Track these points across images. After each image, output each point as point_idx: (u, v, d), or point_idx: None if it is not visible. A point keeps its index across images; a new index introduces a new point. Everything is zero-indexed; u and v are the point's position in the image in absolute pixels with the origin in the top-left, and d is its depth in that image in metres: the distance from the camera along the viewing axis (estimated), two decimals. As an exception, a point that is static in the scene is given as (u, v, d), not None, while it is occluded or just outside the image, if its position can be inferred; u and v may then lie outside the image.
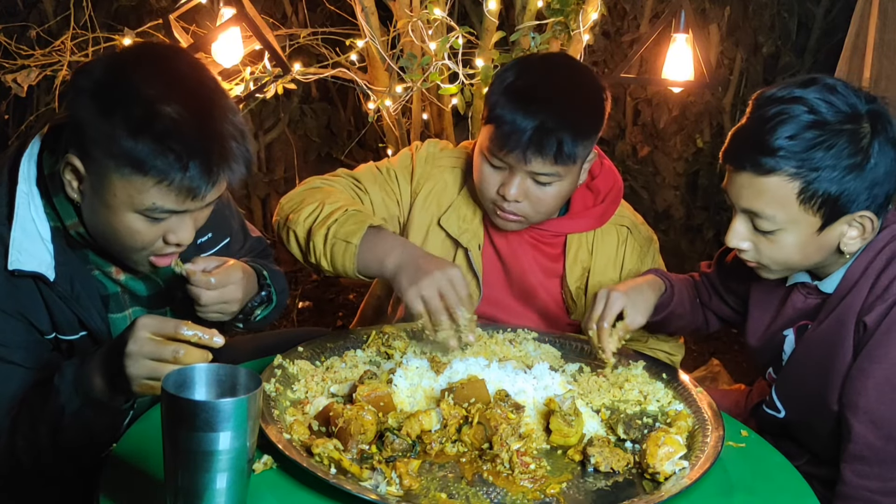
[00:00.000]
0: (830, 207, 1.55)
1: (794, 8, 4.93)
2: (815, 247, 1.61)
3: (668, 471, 1.37)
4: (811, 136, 1.51)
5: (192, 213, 1.44)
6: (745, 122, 1.61)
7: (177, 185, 1.35)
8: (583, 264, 2.07)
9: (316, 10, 3.88)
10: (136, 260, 1.48)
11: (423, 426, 1.40)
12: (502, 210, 1.92)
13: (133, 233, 1.41)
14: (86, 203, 1.42)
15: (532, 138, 1.81)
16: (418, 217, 2.07)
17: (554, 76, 1.92)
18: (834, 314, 1.65)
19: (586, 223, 2.06)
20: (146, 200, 1.36)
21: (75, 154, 1.37)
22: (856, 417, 1.59)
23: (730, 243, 1.66)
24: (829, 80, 1.56)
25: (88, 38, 3.20)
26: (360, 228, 1.79)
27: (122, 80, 1.36)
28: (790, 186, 1.54)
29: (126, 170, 1.34)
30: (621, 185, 2.13)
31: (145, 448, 1.34)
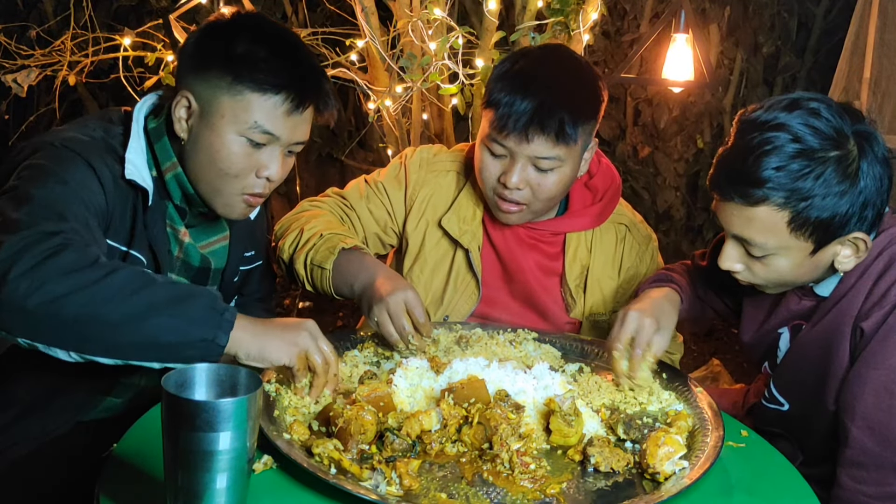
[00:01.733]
0: (822, 232, 1.54)
1: (794, 8, 4.93)
2: (809, 268, 1.61)
3: (668, 471, 1.37)
4: (798, 166, 1.50)
5: (283, 148, 1.62)
6: (730, 150, 1.59)
7: (279, 97, 1.55)
8: (581, 262, 2.07)
9: (316, 10, 3.89)
10: (230, 193, 1.63)
11: (423, 426, 1.40)
12: (504, 200, 1.92)
13: (232, 156, 1.58)
14: (191, 137, 1.60)
15: (533, 117, 1.82)
16: (415, 222, 2.08)
17: (552, 62, 1.95)
18: (829, 317, 1.65)
19: (585, 222, 2.07)
20: (250, 117, 1.56)
21: (188, 89, 1.59)
22: (853, 422, 1.59)
23: (723, 266, 1.65)
24: (813, 104, 1.54)
25: (88, 38, 3.21)
26: (332, 254, 1.84)
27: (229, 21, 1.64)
28: (779, 216, 1.53)
29: (236, 84, 1.55)
30: (619, 183, 2.13)
31: (145, 448, 1.34)
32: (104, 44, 3.20)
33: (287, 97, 1.56)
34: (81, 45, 3.22)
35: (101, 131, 1.62)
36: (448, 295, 2.05)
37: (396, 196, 2.09)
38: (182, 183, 1.64)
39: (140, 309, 1.32)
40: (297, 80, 1.58)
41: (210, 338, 1.34)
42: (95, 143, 1.58)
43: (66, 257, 1.31)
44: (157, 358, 1.35)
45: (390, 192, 2.09)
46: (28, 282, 1.27)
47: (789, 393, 1.75)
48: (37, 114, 4.02)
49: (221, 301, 1.40)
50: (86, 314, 1.29)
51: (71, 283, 1.29)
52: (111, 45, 3.19)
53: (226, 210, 1.66)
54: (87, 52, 3.21)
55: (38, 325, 1.30)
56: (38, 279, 1.28)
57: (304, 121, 1.63)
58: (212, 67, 1.57)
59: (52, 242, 1.32)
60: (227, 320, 1.36)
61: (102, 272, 1.32)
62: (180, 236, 1.71)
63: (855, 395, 1.59)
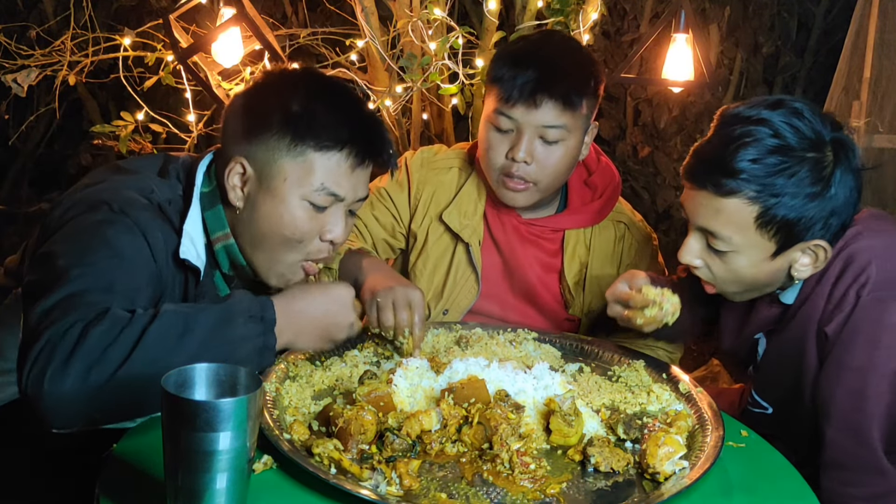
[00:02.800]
0: (786, 234, 1.55)
1: (794, 8, 4.93)
2: (767, 271, 1.61)
3: (668, 471, 1.37)
4: (774, 161, 1.51)
5: (347, 206, 1.57)
6: (709, 140, 1.59)
7: (342, 154, 1.51)
8: (580, 259, 2.08)
9: (316, 10, 3.88)
10: (291, 262, 1.57)
11: (423, 426, 1.40)
12: (510, 177, 1.94)
13: (296, 222, 1.52)
14: (248, 204, 1.54)
15: (540, 83, 1.87)
16: (420, 220, 2.11)
17: (553, 41, 2.03)
18: (795, 323, 1.67)
19: (584, 219, 2.08)
20: (315, 179, 1.50)
21: (242, 155, 1.52)
22: (829, 425, 1.60)
23: (682, 259, 1.66)
24: (797, 104, 1.55)
25: (88, 38, 3.20)
26: (338, 254, 1.87)
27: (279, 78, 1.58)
28: (749, 210, 1.53)
29: (297, 145, 1.49)
30: (619, 181, 2.14)
31: (145, 448, 1.34)
32: (104, 44, 3.20)
33: (350, 153, 1.52)
34: (81, 45, 3.22)
35: (162, 192, 1.54)
36: (448, 289, 2.06)
37: (400, 199, 2.11)
38: (232, 253, 1.59)
39: (187, 353, 1.27)
40: (358, 132, 1.53)
41: (261, 346, 1.36)
42: (153, 210, 1.50)
43: (94, 336, 1.24)
44: None
45: (394, 197, 2.11)
46: (69, 379, 1.21)
47: (770, 397, 1.77)
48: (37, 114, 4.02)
49: (255, 302, 1.38)
50: (138, 384, 1.24)
51: (110, 364, 1.23)
52: (111, 45, 3.19)
53: (280, 280, 1.60)
54: (87, 52, 3.21)
55: (101, 414, 1.27)
56: (76, 373, 1.22)
57: (367, 177, 1.58)
58: (267, 130, 1.50)
59: (76, 328, 1.25)
60: (269, 320, 1.37)
61: (137, 333, 1.26)
62: None
63: (827, 399, 1.60)
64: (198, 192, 1.57)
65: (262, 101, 1.54)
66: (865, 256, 1.59)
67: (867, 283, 1.57)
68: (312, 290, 1.50)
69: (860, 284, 1.57)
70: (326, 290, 1.50)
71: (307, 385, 1.57)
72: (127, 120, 3.11)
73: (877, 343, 1.56)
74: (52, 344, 1.24)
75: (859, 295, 1.57)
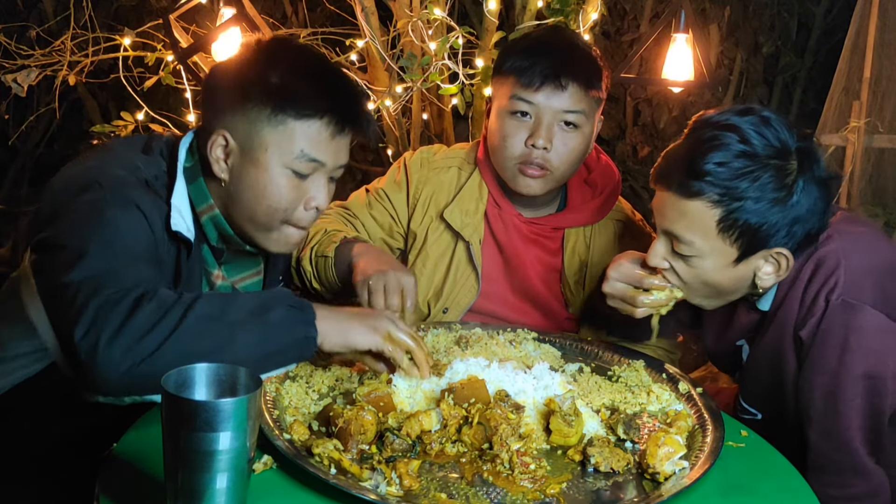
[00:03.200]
0: (749, 239, 1.57)
1: (794, 8, 4.93)
2: (730, 278, 1.63)
3: (668, 471, 1.37)
4: (739, 165, 1.54)
5: (329, 173, 1.59)
6: (680, 144, 1.63)
7: (322, 122, 1.53)
8: (580, 258, 2.08)
9: (316, 10, 3.89)
10: (276, 229, 1.59)
11: (423, 426, 1.40)
12: (528, 164, 1.96)
13: (280, 190, 1.55)
14: (233, 175, 1.57)
15: (564, 65, 1.91)
16: (420, 219, 2.11)
17: (561, 33, 2.09)
18: (772, 329, 1.69)
19: (584, 217, 2.09)
20: (295, 147, 1.53)
21: (224, 128, 1.55)
22: (810, 428, 1.62)
23: (650, 262, 1.68)
24: (766, 113, 1.58)
25: (88, 38, 3.20)
26: (333, 243, 1.91)
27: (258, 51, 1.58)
28: (711, 213, 1.56)
29: (277, 115, 1.52)
30: (619, 180, 2.16)
31: (145, 448, 1.34)
32: (104, 44, 3.20)
33: (330, 121, 1.54)
34: (81, 45, 3.22)
35: (147, 168, 1.57)
36: (448, 287, 2.06)
37: (398, 199, 2.11)
38: (219, 224, 1.61)
39: (227, 334, 1.30)
40: (337, 100, 1.57)
41: (301, 336, 1.36)
42: (142, 186, 1.53)
43: (144, 311, 1.28)
44: (259, 370, 1.31)
45: (392, 197, 2.12)
46: (119, 348, 1.25)
47: (757, 403, 1.78)
48: (37, 114, 4.02)
49: (294, 296, 1.40)
50: (180, 359, 1.26)
51: (158, 336, 1.26)
52: (111, 45, 3.19)
53: (278, 245, 1.63)
54: (87, 52, 3.21)
55: (141, 384, 1.27)
56: (126, 342, 1.25)
57: (347, 144, 1.62)
58: (248, 101, 1.53)
59: (128, 300, 1.28)
60: (309, 314, 1.38)
61: (180, 311, 1.29)
62: (212, 279, 1.68)
63: (806, 402, 1.62)
64: (181, 167, 1.60)
65: (242, 74, 1.56)
66: (834, 259, 1.61)
67: (836, 286, 1.59)
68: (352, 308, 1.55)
69: (829, 288, 1.59)
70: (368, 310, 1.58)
71: (307, 385, 1.57)
72: (127, 120, 3.11)
73: (846, 346, 1.57)
74: (105, 312, 1.27)
75: (828, 299, 1.59)
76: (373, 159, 4.53)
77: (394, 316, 1.52)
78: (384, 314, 1.50)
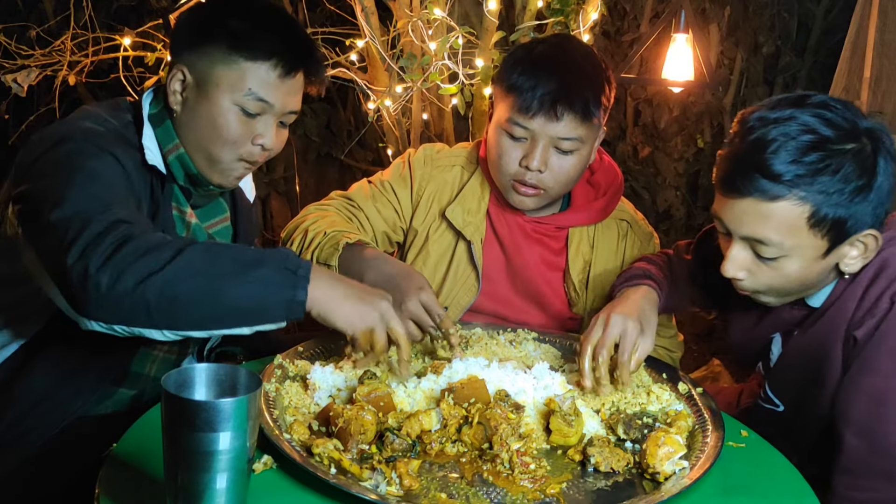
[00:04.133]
0: (839, 229, 1.50)
1: (794, 8, 4.93)
2: (817, 271, 1.57)
3: (668, 471, 1.37)
4: (814, 157, 1.46)
5: (276, 117, 1.68)
6: (740, 146, 1.53)
7: (270, 63, 1.63)
8: (584, 258, 2.08)
9: (316, 10, 3.88)
10: (228, 161, 1.68)
11: (423, 426, 1.40)
12: (522, 184, 1.95)
13: (229, 124, 1.64)
14: (187, 108, 1.67)
15: (561, 96, 1.87)
16: (422, 217, 2.10)
17: (569, 47, 2.01)
18: (820, 325, 1.64)
19: (588, 217, 2.08)
20: (244, 85, 1.62)
21: (184, 64, 1.66)
22: (847, 429, 1.58)
23: (727, 273, 1.60)
24: (818, 97, 1.51)
25: (88, 38, 3.20)
26: (336, 250, 1.84)
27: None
28: (800, 210, 1.48)
29: (231, 54, 1.62)
30: (622, 180, 2.15)
31: (145, 448, 1.34)
32: (104, 44, 3.20)
33: (278, 63, 1.63)
34: (81, 45, 3.22)
35: (115, 121, 1.67)
36: (447, 286, 2.06)
37: (403, 194, 2.10)
38: (185, 163, 1.69)
39: (214, 282, 1.35)
40: (287, 46, 1.66)
41: (289, 297, 1.37)
42: (112, 133, 1.63)
43: (135, 243, 1.35)
44: (245, 323, 1.38)
45: (397, 191, 2.10)
46: (108, 274, 1.32)
47: (784, 396, 1.75)
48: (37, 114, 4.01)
49: (295, 258, 1.42)
50: (166, 296, 1.33)
51: (145, 269, 1.32)
52: (111, 45, 3.19)
53: (222, 178, 1.71)
54: (87, 52, 3.21)
55: (127, 312, 1.34)
56: (115, 269, 1.32)
57: (296, 89, 1.69)
58: (207, 40, 1.64)
59: (118, 232, 1.36)
60: (303, 276, 1.39)
61: (172, 252, 1.35)
62: (187, 217, 1.74)
63: (848, 402, 1.58)
64: (146, 114, 1.70)
65: (203, 15, 1.71)
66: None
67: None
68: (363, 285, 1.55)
69: (894, 290, 1.55)
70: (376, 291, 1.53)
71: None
72: (127, 120, 3.10)
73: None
74: (98, 240, 1.35)
75: (893, 301, 1.54)
76: (373, 159, 4.53)
77: (389, 314, 1.48)
78: (384, 303, 1.49)
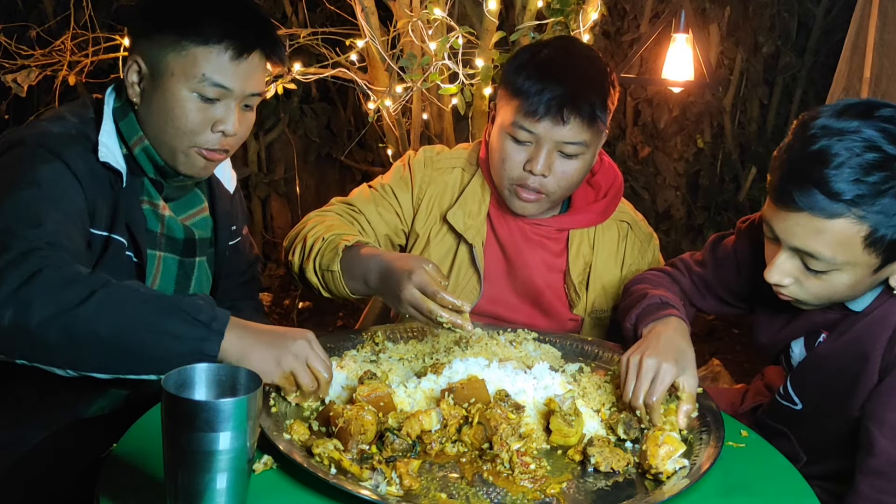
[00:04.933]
0: (893, 249, 1.47)
1: (794, 8, 4.93)
2: (866, 285, 1.55)
3: (671, 469, 1.37)
4: (877, 178, 1.41)
5: (238, 101, 1.64)
6: (799, 156, 1.47)
7: (221, 45, 1.59)
8: (585, 259, 2.08)
9: (316, 10, 3.89)
10: (188, 152, 1.64)
11: (423, 426, 1.40)
12: (525, 188, 1.94)
13: (186, 113, 1.61)
14: (144, 99, 1.64)
15: (567, 100, 1.86)
16: (423, 220, 2.09)
17: (574, 51, 2.01)
18: (859, 328, 1.61)
19: (588, 218, 2.08)
20: (198, 71, 1.59)
21: (138, 54, 1.63)
22: (881, 432, 1.55)
23: (771, 279, 1.57)
24: (888, 110, 1.45)
25: (88, 38, 3.20)
26: (336, 254, 1.82)
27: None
28: (856, 230, 1.44)
29: (180, 41, 1.58)
30: (622, 181, 2.15)
31: (145, 448, 1.34)
32: (104, 44, 3.20)
33: (230, 45, 1.59)
34: (81, 45, 3.22)
35: (76, 119, 1.64)
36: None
37: (404, 197, 2.10)
38: (151, 155, 1.66)
39: (121, 329, 1.31)
40: (238, 27, 1.61)
41: (197, 349, 1.33)
42: (67, 135, 1.60)
43: (45, 278, 1.31)
44: (150, 371, 1.35)
45: (398, 194, 2.09)
46: (12, 307, 1.28)
47: (806, 395, 1.72)
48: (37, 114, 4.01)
49: (209, 309, 1.37)
50: (70, 337, 1.30)
51: (52, 307, 1.29)
52: (111, 45, 3.19)
53: (186, 167, 1.67)
54: (87, 52, 3.21)
55: (28, 348, 1.31)
56: (21, 304, 1.28)
57: (254, 70, 1.64)
58: (156, 28, 1.61)
59: (31, 263, 1.32)
60: (216, 330, 1.35)
61: (82, 292, 1.31)
62: (160, 211, 1.71)
63: (886, 406, 1.56)
64: (109, 108, 1.68)
65: (151, 3, 1.66)
66: None
67: None
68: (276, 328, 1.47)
69: None
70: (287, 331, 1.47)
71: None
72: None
73: None
74: (8, 268, 1.32)
75: None
76: (373, 160, 4.53)
77: (304, 352, 1.43)
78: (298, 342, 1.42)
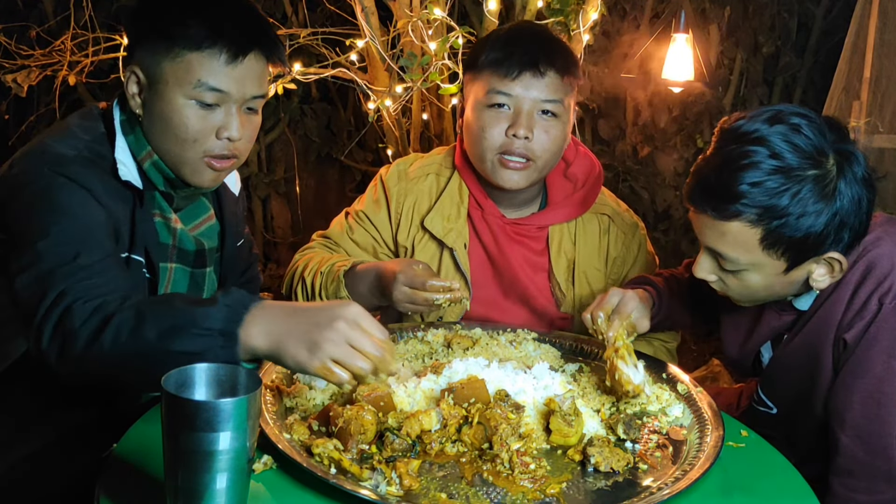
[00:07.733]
0: (796, 252, 1.53)
1: (794, 8, 4.93)
2: (783, 284, 1.60)
3: (638, 382, 1.42)
4: (774, 184, 1.48)
5: (238, 105, 1.61)
6: (708, 161, 1.56)
7: (214, 48, 1.55)
8: (567, 256, 2.08)
9: (316, 10, 3.88)
10: (193, 159, 1.62)
11: (423, 426, 1.40)
12: (510, 154, 1.95)
13: (186, 121, 1.58)
14: (146, 110, 1.61)
15: (541, 54, 1.91)
16: (405, 232, 2.10)
17: (532, 26, 2.12)
18: (810, 328, 1.65)
19: (567, 212, 2.08)
20: (192, 77, 1.56)
21: (135, 64, 1.61)
22: (843, 431, 1.59)
23: (697, 275, 1.66)
24: (795, 119, 1.50)
25: (88, 38, 3.20)
26: (339, 282, 1.93)
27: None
28: (752, 232, 1.52)
29: (173, 48, 1.55)
30: (600, 169, 2.14)
31: (145, 448, 1.34)
32: (104, 44, 3.20)
33: (223, 48, 1.56)
34: (81, 45, 3.22)
35: (87, 136, 1.62)
36: None
37: (379, 218, 2.11)
38: (160, 168, 1.64)
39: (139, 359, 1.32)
40: (231, 29, 1.58)
41: (217, 359, 1.25)
42: (82, 158, 1.57)
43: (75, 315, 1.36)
44: None
45: (373, 217, 2.11)
46: (57, 345, 1.37)
47: (776, 398, 1.76)
48: (37, 114, 4.01)
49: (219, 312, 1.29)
50: (102, 369, 1.36)
51: (81, 344, 1.34)
52: (111, 45, 3.19)
53: (194, 178, 1.65)
54: (87, 52, 3.21)
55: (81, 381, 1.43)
56: (58, 344, 1.36)
57: (252, 71, 1.61)
58: (149, 36, 1.58)
59: (66, 301, 1.38)
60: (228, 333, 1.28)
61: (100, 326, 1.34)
62: (172, 224, 1.71)
63: (843, 405, 1.59)
64: (118, 122, 1.65)
65: (141, 11, 1.64)
66: (887, 263, 1.56)
67: (890, 290, 1.55)
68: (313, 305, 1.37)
69: (882, 292, 1.55)
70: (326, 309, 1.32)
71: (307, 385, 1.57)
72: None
73: (894, 352, 1.54)
74: (44, 321, 1.38)
75: (881, 302, 1.55)
76: (373, 159, 4.53)
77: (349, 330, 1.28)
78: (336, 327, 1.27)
